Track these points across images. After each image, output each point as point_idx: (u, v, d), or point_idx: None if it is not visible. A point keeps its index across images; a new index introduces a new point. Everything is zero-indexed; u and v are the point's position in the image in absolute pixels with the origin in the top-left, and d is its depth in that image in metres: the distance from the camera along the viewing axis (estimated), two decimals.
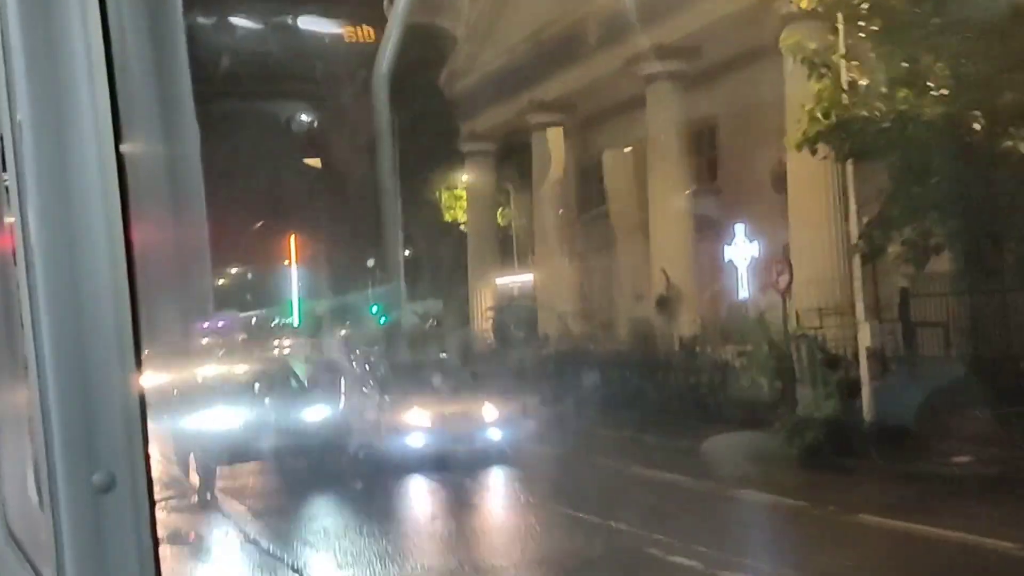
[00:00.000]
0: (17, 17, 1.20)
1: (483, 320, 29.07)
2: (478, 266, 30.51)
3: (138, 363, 1.28)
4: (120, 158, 1.25)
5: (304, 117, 30.89)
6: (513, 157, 28.77)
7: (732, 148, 22.03)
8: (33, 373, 1.27)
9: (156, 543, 1.30)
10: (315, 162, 34.73)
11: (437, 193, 32.38)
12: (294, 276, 37.96)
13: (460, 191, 32.23)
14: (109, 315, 1.26)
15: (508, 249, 31.05)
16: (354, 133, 26.28)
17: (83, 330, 1.25)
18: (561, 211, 26.92)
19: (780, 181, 19.56)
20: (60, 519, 1.26)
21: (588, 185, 27.57)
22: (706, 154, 23.16)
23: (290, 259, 37.65)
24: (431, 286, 31.84)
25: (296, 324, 36.81)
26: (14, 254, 2.72)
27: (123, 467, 1.27)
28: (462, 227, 32.25)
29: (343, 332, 29.97)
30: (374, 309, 31.04)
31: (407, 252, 31.42)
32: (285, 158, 31.93)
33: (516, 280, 30.01)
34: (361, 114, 22.82)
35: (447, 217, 32.65)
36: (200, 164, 1.33)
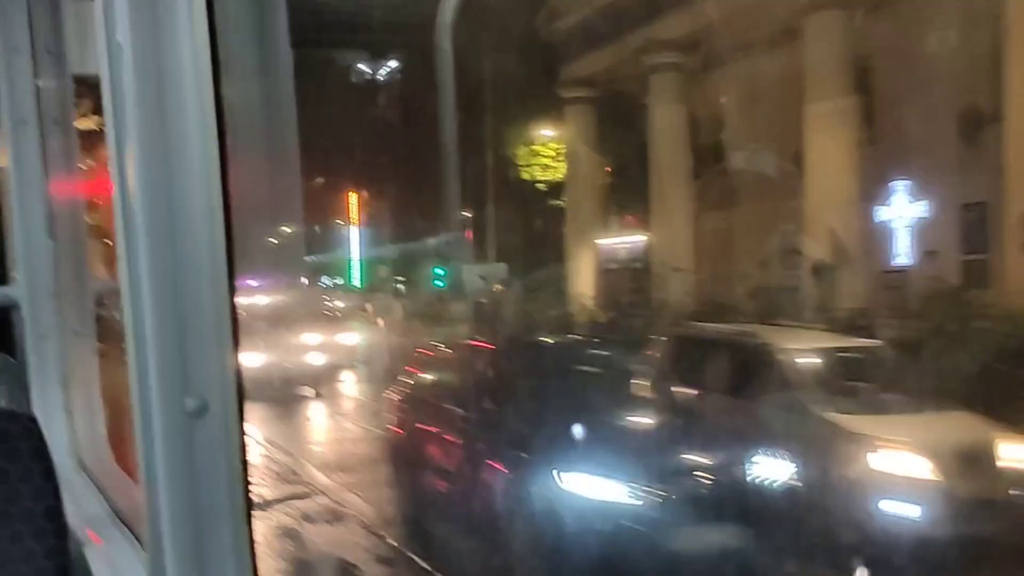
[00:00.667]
0: None
1: (589, 285, 26.05)
2: (578, 225, 27.38)
3: (231, 293, 1.30)
4: (219, 97, 1.25)
5: (371, 69, 30.57)
6: (620, 104, 26.06)
7: (899, 91, 19.15)
8: (128, 301, 1.30)
9: (245, 466, 1.32)
10: (383, 116, 34.41)
11: (516, 149, 30.21)
12: (355, 235, 37.51)
13: (539, 146, 29.90)
14: (204, 246, 1.27)
15: (611, 206, 27.93)
16: (426, 87, 25.57)
17: (179, 261, 1.27)
18: (682, 163, 23.70)
19: (971, 127, 17.10)
20: (154, 442, 1.29)
21: (708, 135, 24.18)
22: (862, 97, 20.01)
23: (351, 217, 37.32)
24: (502, 248, 30.53)
25: (358, 284, 36.49)
26: (92, 199, 2.79)
27: (215, 393, 1.30)
28: (539, 186, 29.99)
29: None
30: (439, 271, 30.19)
31: (471, 213, 30.53)
32: (354, 112, 31.76)
33: (624, 242, 26.68)
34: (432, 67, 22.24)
35: (524, 175, 30.30)
36: (294, 106, 1.35)
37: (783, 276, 20.76)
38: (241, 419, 1.32)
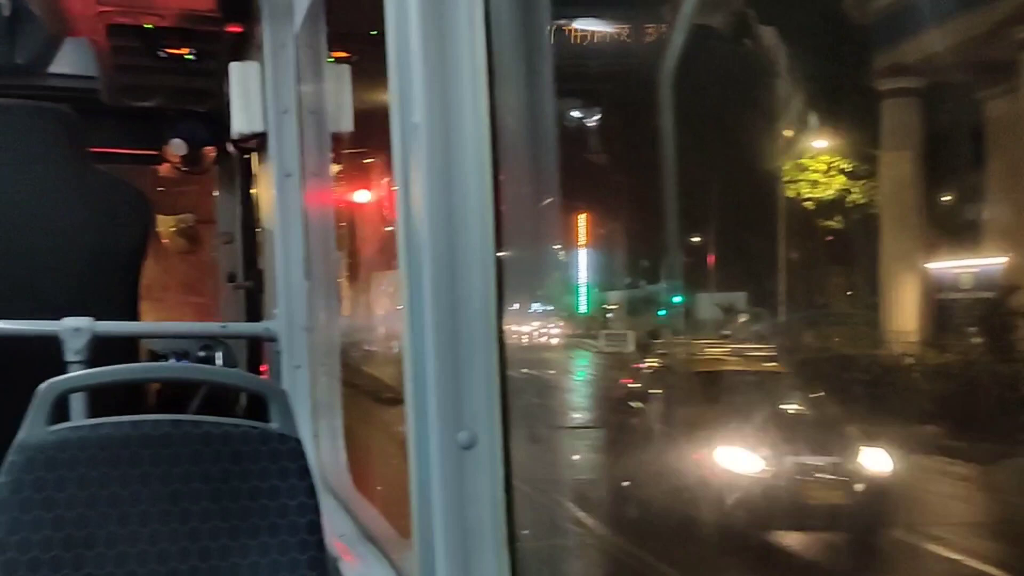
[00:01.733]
0: (420, 40, 1.40)
1: (910, 319, 21.58)
2: (898, 245, 22.44)
3: (500, 334, 1.45)
4: (495, 156, 1.42)
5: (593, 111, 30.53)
6: (952, 95, 21.73)
7: None
8: (410, 338, 1.47)
9: (510, 497, 1.46)
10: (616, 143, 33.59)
11: (780, 164, 26.34)
12: (582, 259, 36.85)
13: (808, 160, 26.10)
14: (479, 293, 1.44)
15: (943, 222, 22.90)
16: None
17: (457, 306, 1.44)
18: None
19: None
20: (429, 471, 1.46)
21: None
22: None
23: (577, 240, 36.67)
24: (753, 276, 27.98)
25: (583, 311, 35.41)
26: (344, 218, 3.06)
27: (483, 427, 1.45)
28: (806, 204, 25.98)
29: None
30: (677, 299, 27.79)
31: (714, 237, 28.69)
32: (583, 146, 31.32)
33: (965, 266, 21.51)
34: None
35: (789, 192, 26.68)
36: (557, 171, 1.51)
37: None
38: (506, 451, 1.46)
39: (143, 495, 1.85)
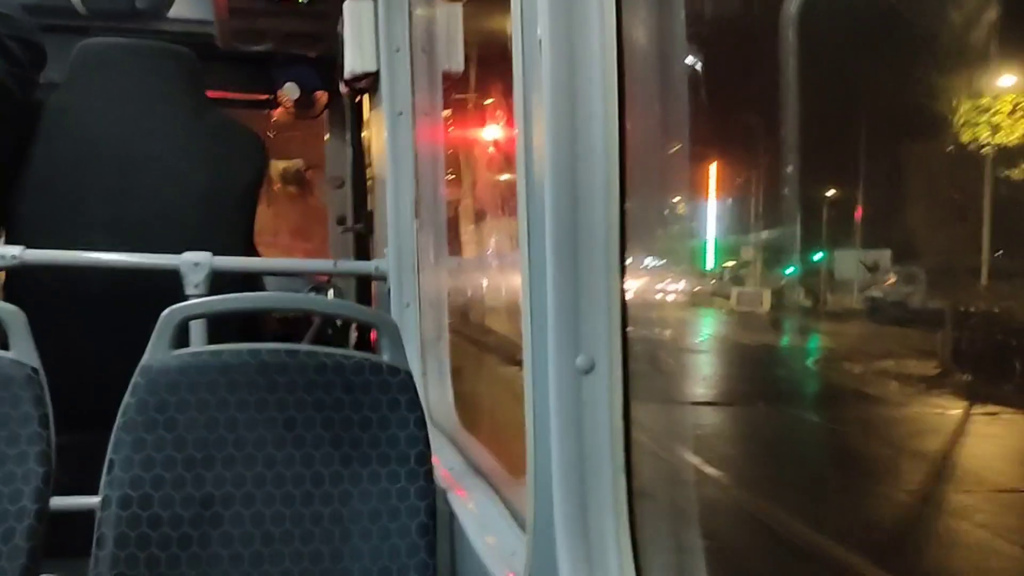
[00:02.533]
0: None
1: None
2: None
3: (622, 259, 1.42)
4: (621, 77, 1.38)
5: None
6: None
7: None
8: (528, 266, 1.46)
9: (627, 422, 1.44)
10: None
11: (955, 104, 26.52)
12: (711, 210, 36.33)
13: (989, 100, 25.75)
14: (600, 217, 1.41)
15: None
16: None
17: (577, 228, 1.41)
18: None
19: None
20: (547, 396, 1.45)
21: None
22: None
23: (705, 191, 36.02)
24: (911, 230, 26.50)
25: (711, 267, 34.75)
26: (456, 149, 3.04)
27: (602, 352, 1.43)
28: (984, 151, 25.92)
29: None
30: (817, 256, 26.63)
31: (861, 187, 27.53)
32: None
33: None
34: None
35: (964, 136, 26.50)
36: (687, 94, 1.47)
37: None
38: (624, 378, 1.44)
39: (259, 421, 1.90)
